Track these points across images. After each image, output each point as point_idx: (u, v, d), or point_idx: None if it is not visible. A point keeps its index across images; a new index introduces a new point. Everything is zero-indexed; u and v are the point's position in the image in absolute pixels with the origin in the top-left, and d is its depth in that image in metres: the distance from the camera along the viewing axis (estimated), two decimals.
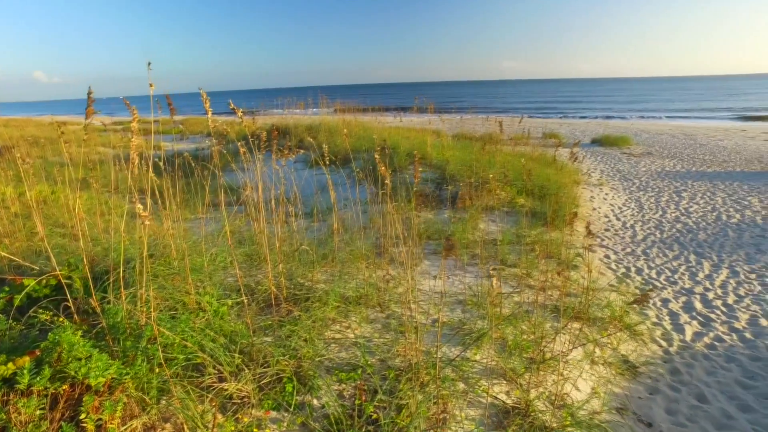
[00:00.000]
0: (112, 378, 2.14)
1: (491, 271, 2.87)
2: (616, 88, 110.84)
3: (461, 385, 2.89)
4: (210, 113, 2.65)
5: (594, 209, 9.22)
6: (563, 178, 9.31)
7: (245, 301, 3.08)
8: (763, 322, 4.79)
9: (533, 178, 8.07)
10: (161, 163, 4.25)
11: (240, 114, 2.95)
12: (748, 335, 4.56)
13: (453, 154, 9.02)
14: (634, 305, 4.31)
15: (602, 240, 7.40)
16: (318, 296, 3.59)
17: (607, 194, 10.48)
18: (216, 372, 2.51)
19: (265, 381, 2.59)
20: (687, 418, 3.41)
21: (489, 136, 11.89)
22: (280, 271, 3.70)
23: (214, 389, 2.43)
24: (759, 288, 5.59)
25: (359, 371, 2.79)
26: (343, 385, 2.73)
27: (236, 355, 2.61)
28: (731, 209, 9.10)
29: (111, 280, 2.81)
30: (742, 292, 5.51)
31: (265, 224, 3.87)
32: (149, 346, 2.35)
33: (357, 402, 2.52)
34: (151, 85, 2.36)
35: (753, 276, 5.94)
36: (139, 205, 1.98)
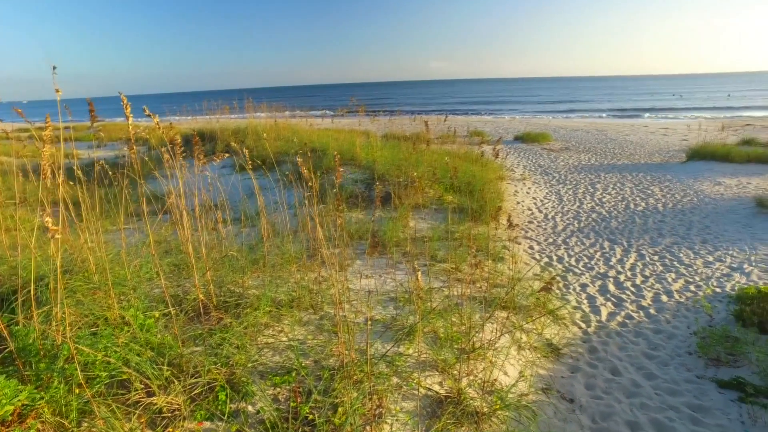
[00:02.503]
0: (23, 405, 2.01)
1: (415, 266, 2.97)
2: (538, 87, 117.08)
3: (395, 380, 2.97)
4: (130, 119, 2.54)
5: (518, 203, 9.71)
6: (488, 174, 9.72)
7: (173, 312, 2.98)
8: (664, 298, 5.30)
9: (460, 175, 8.36)
10: (77, 172, 4.00)
11: (156, 120, 2.85)
12: (652, 311, 5.03)
13: (382, 154, 9.15)
14: (545, 292, 4.62)
15: (526, 232, 7.82)
16: (249, 302, 3.54)
17: (529, 188, 11.06)
18: (143, 387, 2.42)
19: (196, 391, 2.53)
20: (603, 391, 3.71)
21: (417, 135, 12.17)
22: (209, 279, 3.61)
23: (141, 405, 2.35)
24: (661, 268, 6.16)
25: (293, 374, 2.79)
26: (278, 389, 2.72)
27: (165, 368, 2.53)
28: (638, 198, 9.93)
29: (20, 299, 2.63)
30: (647, 272, 6.05)
31: (192, 232, 3.76)
32: (67, 366, 2.23)
33: (292, 404, 2.53)
34: (57, 90, 2.24)
35: (656, 258, 6.54)
36: (48, 218, 1.87)
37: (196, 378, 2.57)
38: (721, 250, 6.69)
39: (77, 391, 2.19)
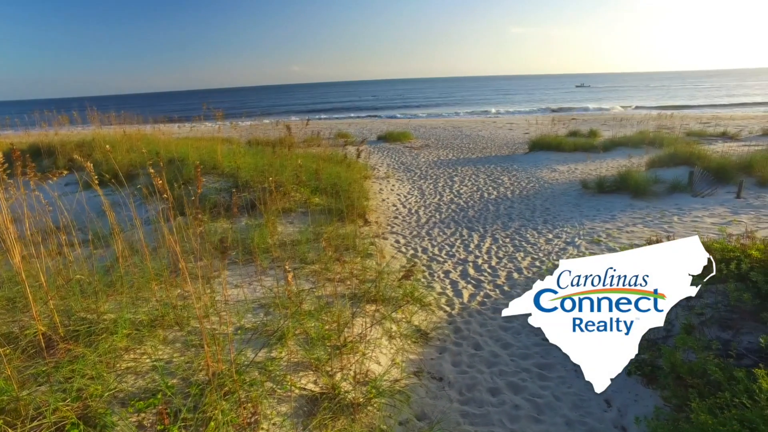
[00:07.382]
0: None
1: (287, 268, 3.00)
2: (400, 89, 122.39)
3: (269, 384, 2.97)
4: None
5: (383, 200, 10.13)
6: (353, 175, 9.99)
7: (3, 352, 2.63)
8: (515, 275, 5.96)
9: (325, 176, 8.48)
10: None
11: None
12: (506, 288, 5.63)
13: (245, 161, 8.91)
14: (405, 280, 4.93)
15: (392, 227, 8.20)
16: (105, 327, 3.26)
17: (393, 185, 11.59)
18: None
19: None
20: (467, 366, 4.09)
21: (281, 140, 12.06)
22: (53, 309, 3.25)
23: None
24: (512, 249, 6.91)
25: (159, 395, 2.65)
26: (143, 414, 2.57)
27: None
28: (490, 187, 10.97)
29: None
30: (501, 254, 6.74)
31: (30, 259, 3.35)
32: None
33: (159, 428, 2.41)
34: None
35: (507, 240, 7.32)
36: None
37: (39, 421, 2.32)
38: (558, 228, 7.71)
39: None
